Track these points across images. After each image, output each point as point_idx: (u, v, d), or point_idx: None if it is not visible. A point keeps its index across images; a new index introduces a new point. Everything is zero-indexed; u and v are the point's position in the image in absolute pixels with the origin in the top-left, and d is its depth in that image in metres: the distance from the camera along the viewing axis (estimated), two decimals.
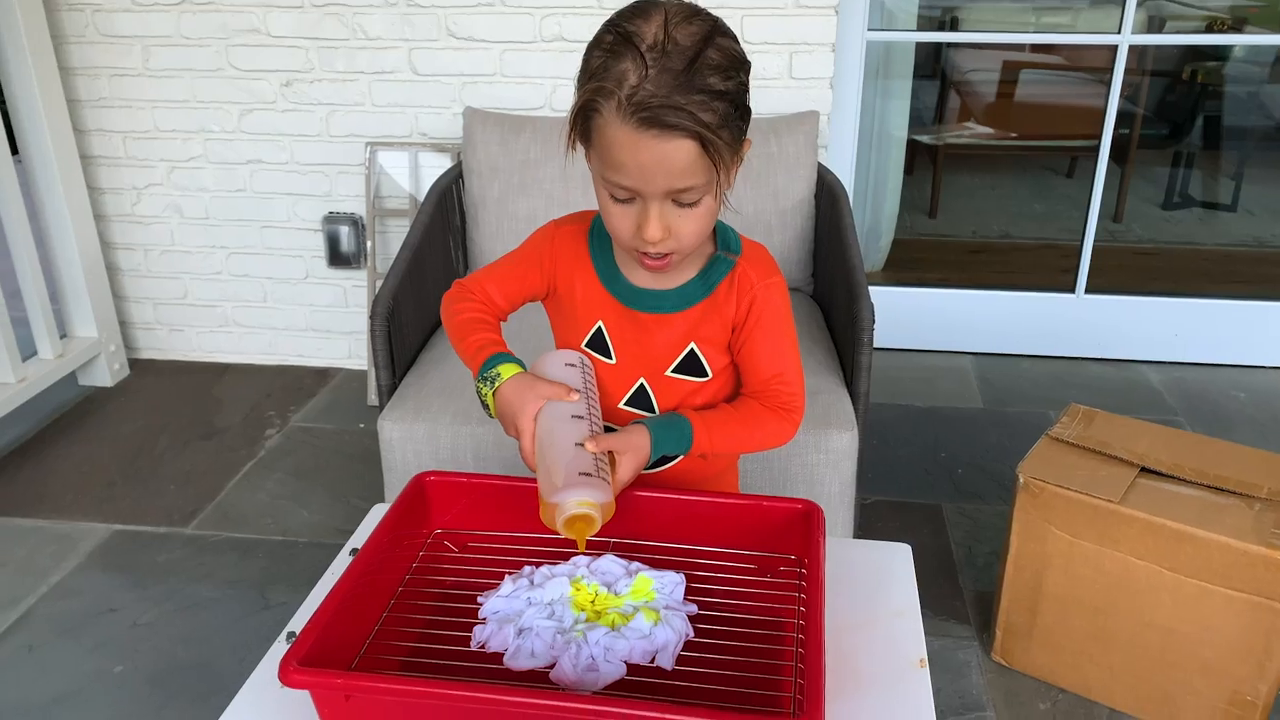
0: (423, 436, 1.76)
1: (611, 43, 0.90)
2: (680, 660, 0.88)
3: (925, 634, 1.91)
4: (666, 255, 1.00)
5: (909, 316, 2.91)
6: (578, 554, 0.98)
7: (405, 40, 2.50)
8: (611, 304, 1.09)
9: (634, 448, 1.01)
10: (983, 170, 4.52)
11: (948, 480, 2.32)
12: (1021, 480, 1.64)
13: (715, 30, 0.92)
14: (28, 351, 2.60)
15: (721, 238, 1.09)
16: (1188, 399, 2.67)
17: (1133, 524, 1.54)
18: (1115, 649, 1.63)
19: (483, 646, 0.90)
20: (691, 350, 1.09)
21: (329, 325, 2.85)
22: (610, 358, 1.10)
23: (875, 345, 2.71)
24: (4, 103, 2.50)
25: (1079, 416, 1.79)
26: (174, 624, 1.90)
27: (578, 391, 1.01)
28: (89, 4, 2.55)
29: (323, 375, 2.86)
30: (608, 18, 0.94)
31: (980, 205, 4.29)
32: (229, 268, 2.83)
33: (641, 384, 1.11)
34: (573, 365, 1.07)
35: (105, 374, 2.79)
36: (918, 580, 1.84)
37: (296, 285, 2.83)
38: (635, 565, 0.97)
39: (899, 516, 2.19)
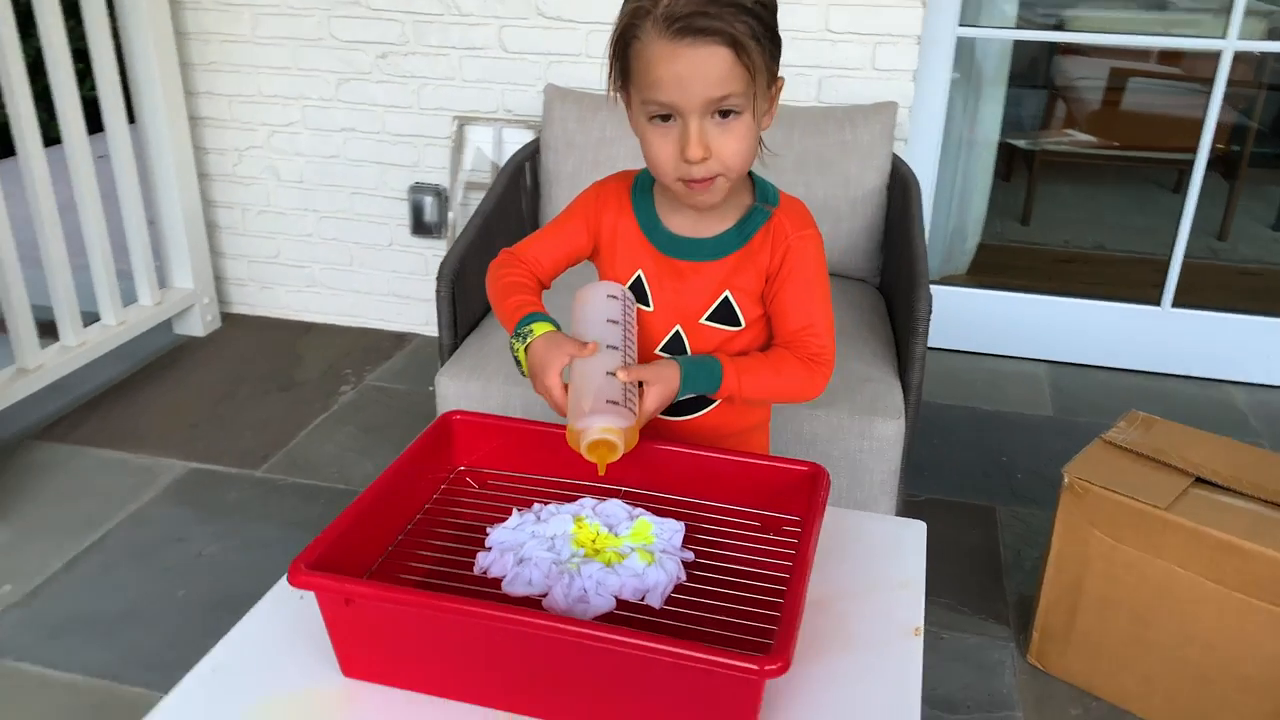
0: (476, 394, 1.82)
1: None
2: (670, 602, 0.91)
3: (962, 631, 1.90)
4: (711, 179, 1.02)
5: (986, 320, 2.86)
6: (587, 497, 1.02)
7: (496, 18, 2.57)
8: (651, 252, 1.14)
9: (663, 379, 1.04)
10: (1083, 180, 4.38)
11: (1006, 484, 2.28)
12: (1066, 480, 1.61)
13: None
14: (129, 299, 2.76)
15: (760, 190, 1.13)
16: (1274, 423, 2.56)
17: (1177, 531, 1.50)
18: (1153, 659, 1.59)
19: (485, 572, 0.94)
20: (726, 298, 1.12)
21: (409, 291, 2.95)
22: (649, 305, 1.15)
23: (948, 346, 2.69)
24: (124, 69, 2.66)
25: (1138, 422, 1.74)
26: (235, 557, 2.00)
27: (597, 344, 1.04)
28: None
29: (400, 339, 2.96)
30: None
31: (1076, 215, 4.17)
32: (319, 231, 2.96)
33: (677, 331, 1.14)
34: (614, 297, 1.11)
35: (198, 324, 2.94)
36: (962, 579, 1.84)
37: (381, 251, 2.93)
38: (639, 511, 0.99)
39: (951, 515, 2.17)
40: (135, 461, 2.32)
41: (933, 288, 2.85)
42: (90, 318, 2.64)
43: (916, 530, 1.13)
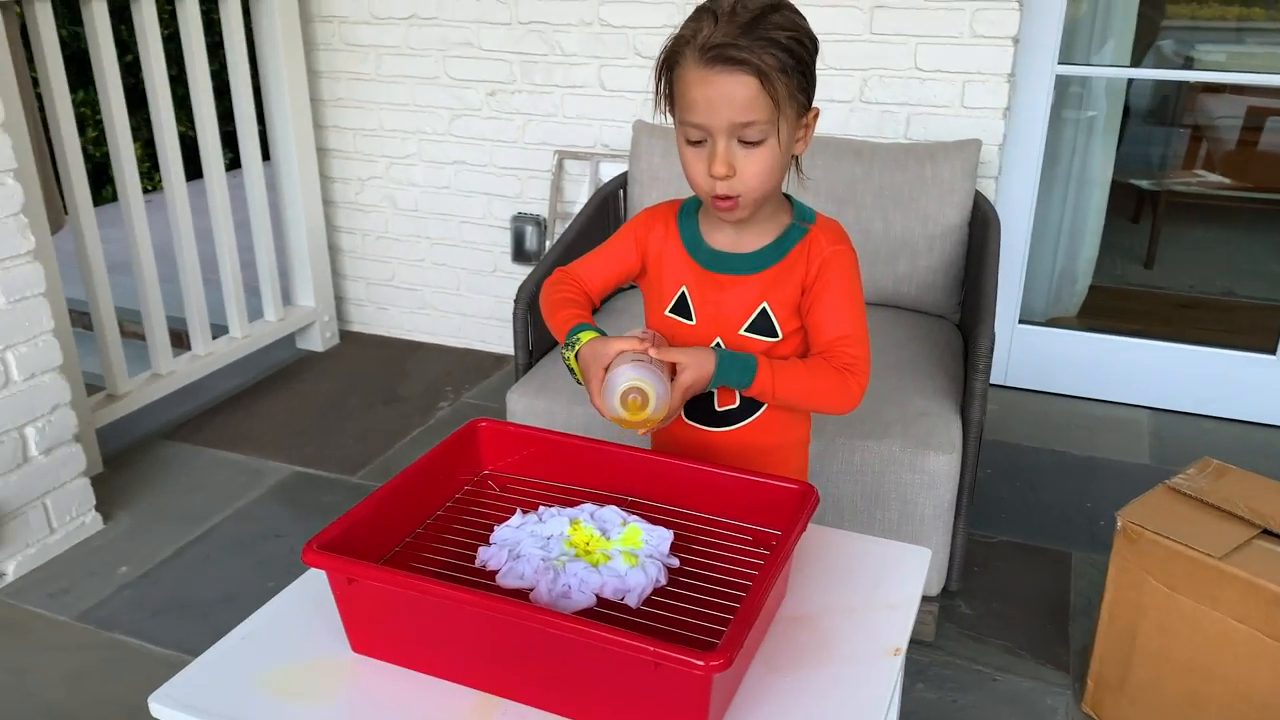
0: (542, 411, 1.91)
1: (695, 14, 1.07)
2: (649, 603, 0.96)
3: (1018, 675, 1.87)
4: (735, 198, 1.10)
5: (1089, 363, 2.78)
6: (588, 503, 1.08)
7: (596, 58, 2.70)
8: (694, 269, 1.21)
9: (698, 362, 1.11)
10: (1216, 222, 4.18)
11: (1086, 530, 2.22)
12: (1120, 524, 1.57)
13: (782, 4, 1.07)
14: (255, 315, 3.00)
15: (799, 211, 1.20)
16: None
17: (1233, 583, 1.45)
18: (1208, 716, 1.52)
19: (484, 565, 1.02)
20: (763, 310, 1.18)
21: (509, 315, 3.09)
22: (691, 319, 1.21)
23: (1045, 389, 2.65)
24: (261, 108, 2.91)
25: (1209, 470, 1.68)
26: None
27: (648, 342, 1.12)
28: (337, 16, 2.93)
29: (499, 360, 3.10)
30: None
31: (1205, 259, 3.99)
32: (431, 256, 3.14)
33: (718, 343, 1.20)
34: (640, 333, 1.20)
35: (318, 340, 3.16)
36: (1025, 623, 1.82)
37: (485, 277, 3.09)
38: (633, 517, 1.05)
39: (1023, 558, 2.12)
40: (246, 463, 2.52)
41: (1035, 329, 2.84)
42: (219, 330, 2.88)
43: (919, 555, 1.15)
